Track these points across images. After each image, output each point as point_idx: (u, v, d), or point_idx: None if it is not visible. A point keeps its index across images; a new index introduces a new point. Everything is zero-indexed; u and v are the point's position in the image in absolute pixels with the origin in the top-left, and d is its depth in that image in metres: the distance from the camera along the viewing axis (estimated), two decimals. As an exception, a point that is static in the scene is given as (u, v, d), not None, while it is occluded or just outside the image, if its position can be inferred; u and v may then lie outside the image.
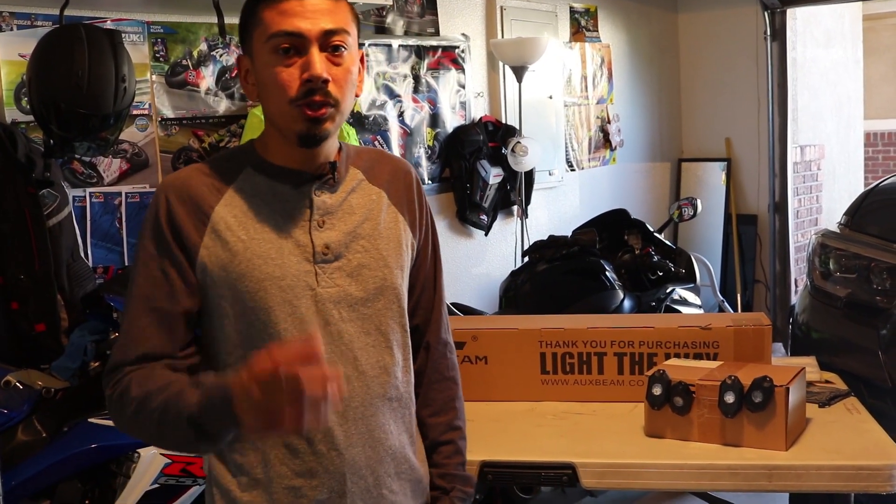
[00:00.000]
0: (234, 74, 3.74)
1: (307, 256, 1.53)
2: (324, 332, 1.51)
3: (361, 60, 1.58)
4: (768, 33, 5.83)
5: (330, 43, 1.48)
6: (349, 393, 1.53)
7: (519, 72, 4.70)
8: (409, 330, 1.65)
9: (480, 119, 4.84)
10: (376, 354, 1.57)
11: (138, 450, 2.45)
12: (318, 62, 1.45)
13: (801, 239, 6.27)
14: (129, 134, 3.41)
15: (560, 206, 5.49)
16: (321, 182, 1.56)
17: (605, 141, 5.84)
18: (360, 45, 1.59)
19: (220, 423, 1.35)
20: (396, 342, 1.60)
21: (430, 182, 4.62)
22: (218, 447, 1.46)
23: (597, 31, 5.73)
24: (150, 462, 2.43)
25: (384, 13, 4.31)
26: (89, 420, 2.47)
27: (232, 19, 3.46)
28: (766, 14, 5.79)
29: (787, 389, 2.03)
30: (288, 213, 1.54)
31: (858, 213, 3.46)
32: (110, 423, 2.47)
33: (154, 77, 3.50)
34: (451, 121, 4.71)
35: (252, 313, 1.50)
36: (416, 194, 1.68)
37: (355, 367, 1.54)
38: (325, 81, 1.46)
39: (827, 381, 2.60)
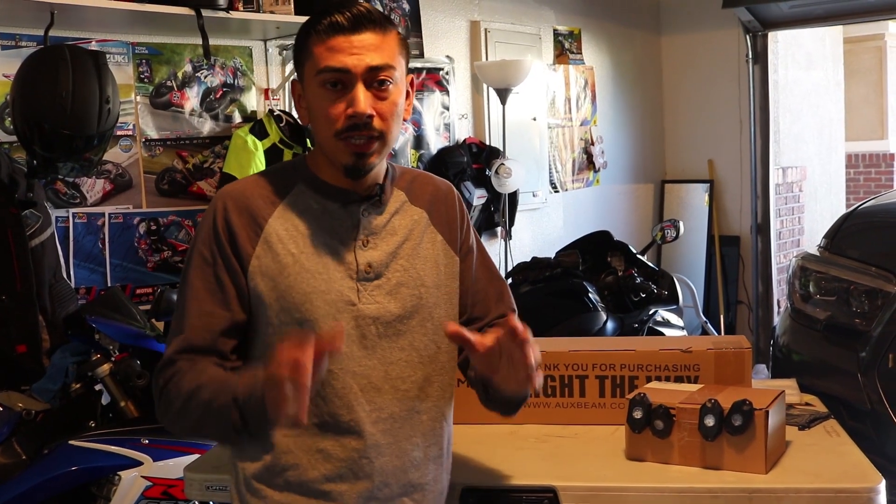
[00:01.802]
0: (218, 96, 3.75)
1: (351, 274, 1.60)
2: (360, 345, 1.59)
3: (412, 84, 1.66)
4: (750, 56, 5.88)
5: (376, 78, 1.54)
6: (381, 404, 1.60)
7: (503, 94, 4.73)
8: (444, 347, 1.68)
9: (464, 141, 4.86)
10: (408, 370, 1.63)
11: (119, 472, 2.44)
12: (363, 99, 1.52)
13: (783, 260, 6.30)
14: (113, 155, 3.41)
15: (544, 227, 5.51)
16: (369, 203, 1.63)
17: (589, 162, 5.87)
18: (410, 71, 1.67)
19: (256, 411, 1.44)
20: (429, 358, 1.66)
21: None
22: (259, 433, 1.53)
23: (580, 53, 5.77)
24: (131, 485, 2.42)
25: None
26: (70, 442, 2.46)
27: (216, 41, 3.48)
28: (747, 37, 5.84)
29: (767, 413, 2.04)
30: (336, 231, 1.62)
31: (838, 237, 3.48)
32: (91, 445, 2.47)
33: (138, 98, 3.50)
34: (435, 142, 4.73)
35: (297, 324, 1.56)
36: (459, 213, 1.75)
37: (386, 380, 1.61)
38: (370, 117, 1.53)
39: (807, 404, 2.60)
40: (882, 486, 1.96)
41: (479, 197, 4.81)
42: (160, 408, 1.59)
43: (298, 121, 3.52)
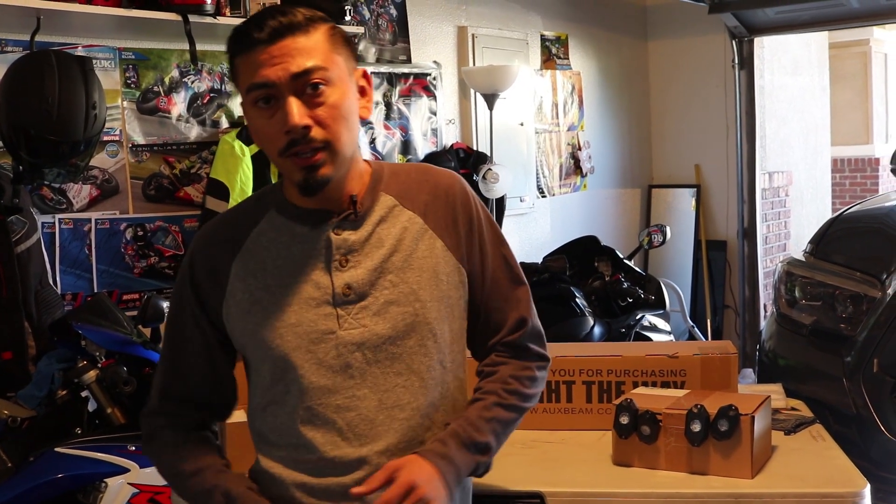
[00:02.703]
0: (205, 101, 3.74)
1: (327, 299, 1.48)
2: (344, 375, 1.47)
3: (366, 78, 1.53)
4: (736, 61, 5.90)
5: (307, 83, 1.41)
6: (373, 437, 1.48)
7: (490, 99, 4.73)
8: (450, 366, 1.56)
9: (452, 146, 4.87)
10: (407, 396, 1.49)
11: (105, 479, 2.43)
12: (295, 111, 1.40)
13: (769, 264, 6.32)
14: (100, 160, 3.40)
15: (531, 232, 5.52)
16: (341, 219, 1.50)
17: (576, 167, 5.89)
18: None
19: None
20: (433, 381, 1.51)
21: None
22: None
23: (567, 58, 5.79)
24: (118, 492, 2.41)
25: (356, 41, 4.33)
26: (55, 449, 2.45)
27: (203, 46, 3.48)
28: (734, 42, 5.86)
29: (753, 418, 2.05)
30: (306, 255, 1.50)
31: (823, 242, 3.50)
32: (77, 452, 2.46)
33: (125, 103, 3.50)
34: (422, 147, 4.73)
35: (271, 361, 1.49)
36: (462, 209, 1.57)
37: (381, 409, 1.48)
38: (307, 128, 1.41)
39: (793, 409, 2.62)
40: (867, 490, 1.98)
41: (466, 202, 4.80)
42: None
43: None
